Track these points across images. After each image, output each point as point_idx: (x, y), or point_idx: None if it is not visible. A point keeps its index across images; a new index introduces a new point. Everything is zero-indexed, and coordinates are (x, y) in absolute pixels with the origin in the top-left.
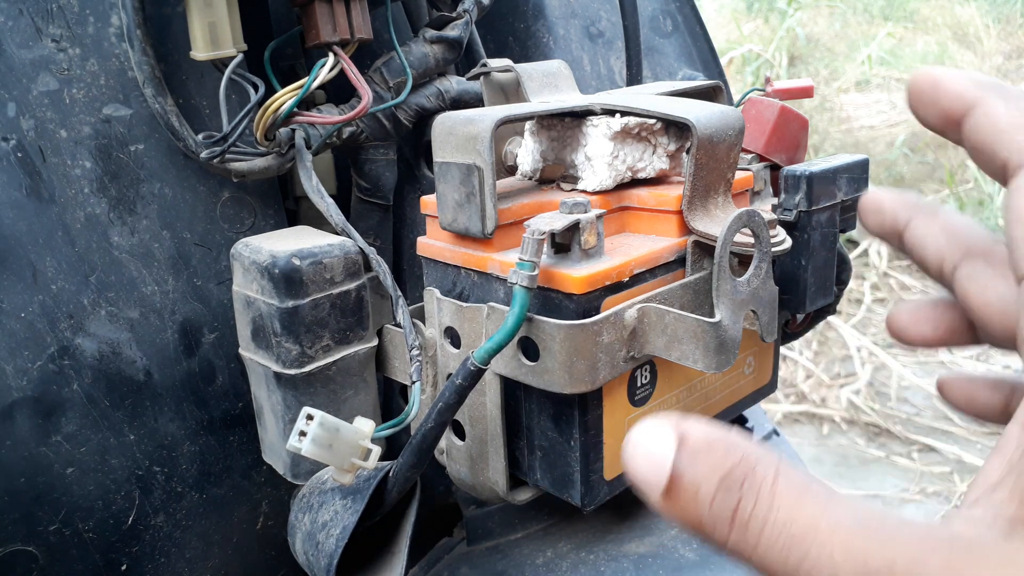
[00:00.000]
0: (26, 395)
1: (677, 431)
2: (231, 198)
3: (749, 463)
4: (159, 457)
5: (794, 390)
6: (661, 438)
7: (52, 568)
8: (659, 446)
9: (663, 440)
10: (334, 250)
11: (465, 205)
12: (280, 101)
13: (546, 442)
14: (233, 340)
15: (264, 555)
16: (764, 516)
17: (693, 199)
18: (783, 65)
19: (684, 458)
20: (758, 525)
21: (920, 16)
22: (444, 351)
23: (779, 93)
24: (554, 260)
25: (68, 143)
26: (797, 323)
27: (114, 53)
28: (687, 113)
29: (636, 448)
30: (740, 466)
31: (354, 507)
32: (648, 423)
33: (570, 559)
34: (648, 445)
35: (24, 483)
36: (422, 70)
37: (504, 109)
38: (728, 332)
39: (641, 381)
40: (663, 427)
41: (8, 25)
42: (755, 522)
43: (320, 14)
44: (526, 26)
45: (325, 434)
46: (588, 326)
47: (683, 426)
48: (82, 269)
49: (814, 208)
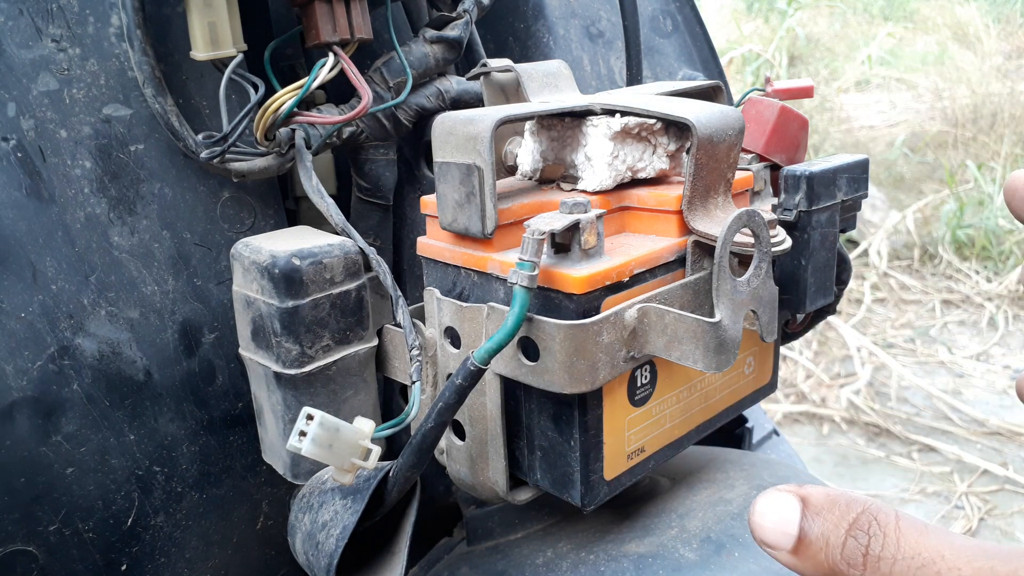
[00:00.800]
0: (26, 395)
1: (799, 495)
2: (231, 198)
3: (871, 512)
4: (159, 457)
5: (794, 390)
6: (785, 503)
7: (52, 568)
8: (784, 511)
9: (787, 505)
10: (334, 250)
11: (465, 205)
12: (280, 101)
13: (546, 442)
14: (233, 340)
15: (264, 555)
16: (893, 553)
17: (693, 199)
18: (783, 65)
19: (810, 517)
20: (889, 561)
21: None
22: (444, 351)
23: (779, 93)
24: (554, 260)
25: (68, 143)
26: (797, 323)
27: (114, 53)
28: (687, 113)
29: (763, 517)
30: (863, 515)
31: (354, 507)
32: (771, 493)
33: (570, 559)
34: (774, 511)
35: (24, 483)
36: (422, 70)
37: (504, 109)
38: (728, 332)
39: (641, 381)
40: (785, 495)
41: (8, 25)
42: (886, 559)
43: (320, 14)
44: (526, 26)
45: (325, 434)
46: (588, 326)
47: (804, 491)
48: (82, 269)
49: (814, 208)
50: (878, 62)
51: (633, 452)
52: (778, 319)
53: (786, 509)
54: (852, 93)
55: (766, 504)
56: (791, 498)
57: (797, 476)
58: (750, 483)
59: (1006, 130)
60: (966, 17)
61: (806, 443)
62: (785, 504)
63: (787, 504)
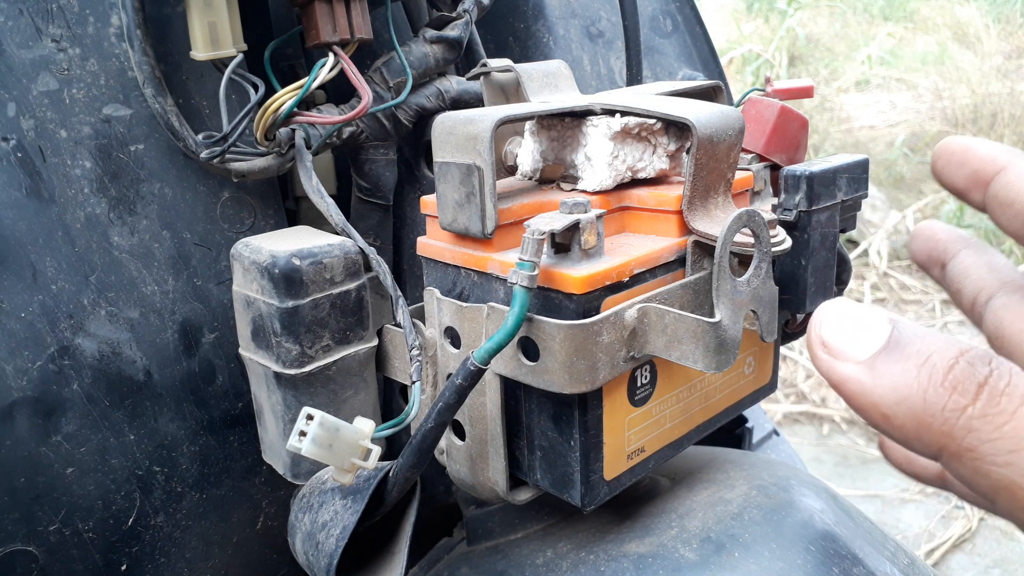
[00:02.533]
0: (26, 395)
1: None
2: (231, 198)
3: (987, 353)
4: (159, 457)
5: (794, 390)
6: (874, 312)
7: (52, 568)
8: (874, 317)
9: (877, 314)
10: (334, 250)
11: (465, 205)
12: (280, 101)
13: (546, 442)
14: (233, 340)
15: (264, 555)
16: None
17: (693, 199)
18: (783, 65)
19: (908, 330)
20: (1017, 399)
21: (920, 16)
22: (444, 351)
23: (779, 93)
24: (554, 260)
25: (68, 143)
26: (797, 323)
27: (114, 53)
28: (687, 113)
29: (842, 312)
30: (978, 351)
31: (354, 507)
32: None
33: (570, 559)
34: (860, 313)
35: (24, 483)
36: (422, 70)
37: (504, 109)
38: (728, 332)
39: (641, 381)
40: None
41: (8, 25)
42: (1013, 395)
43: (320, 14)
44: (526, 26)
45: (325, 434)
46: (588, 326)
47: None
48: (82, 269)
49: (814, 208)
50: (878, 62)
51: (633, 452)
52: (778, 319)
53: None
54: (852, 93)
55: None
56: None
57: (797, 476)
58: (750, 483)
59: (1006, 130)
60: (966, 17)
61: (806, 443)
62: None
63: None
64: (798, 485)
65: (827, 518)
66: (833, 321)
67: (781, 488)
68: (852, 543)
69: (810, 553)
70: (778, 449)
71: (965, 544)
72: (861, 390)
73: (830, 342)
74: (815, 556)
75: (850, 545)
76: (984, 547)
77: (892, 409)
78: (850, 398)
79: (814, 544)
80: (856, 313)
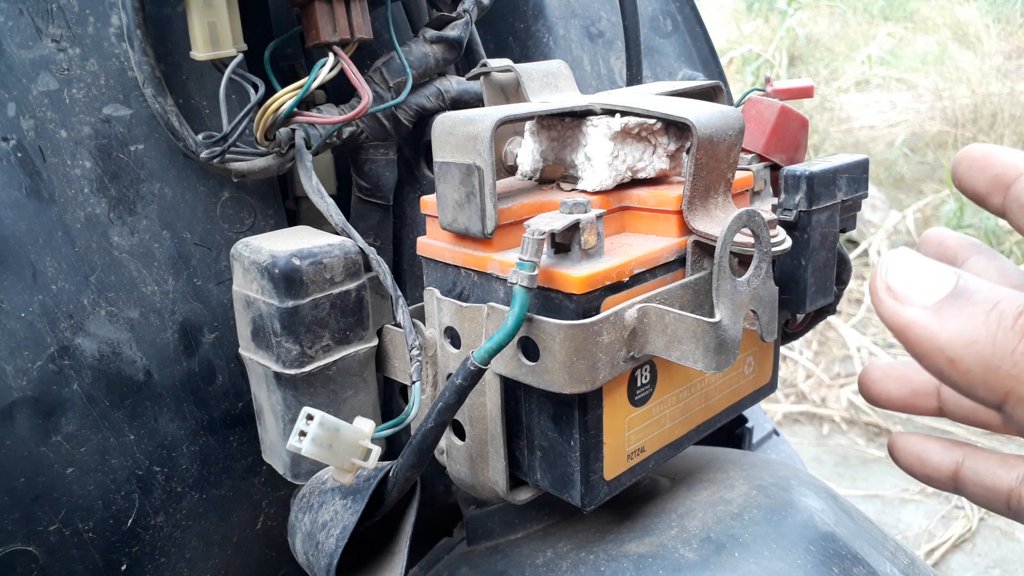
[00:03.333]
0: (26, 395)
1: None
2: (231, 198)
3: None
4: (159, 457)
5: (794, 390)
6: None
7: (52, 568)
8: (939, 267)
9: (942, 265)
10: (334, 250)
11: (465, 205)
12: (280, 101)
13: (546, 442)
14: (233, 340)
15: (264, 555)
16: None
17: (693, 199)
18: (783, 65)
19: (973, 280)
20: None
21: (920, 16)
22: (444, 351)
23: (779, 93)
24: (554, 260)
25: (68, 143)
26: (797, 323)
27: (114, 53)
28: (687, 113)
29: (909, 259)
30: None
31: (354, 507)
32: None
33: (570, 559)
34: (926, 262)
35: (24, 483)
36: (422, 70)
37: (504, 109)
38: (728, 332)
39: (641, 381)
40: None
41: (8, 25)
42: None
43: (320, 14)
44: (526, 26)
45: (325, 434)
46: (588, 326)
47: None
48: (82, 269)
49: (814, 208)
50: (878, 62)
51: (633, 452)
52: (778, 319)
53: (938, 264)
54: (852, 93)
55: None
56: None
57: (797, 476)
58: (750, 483)
59: (1006, 130)
60: (966, 17)
61: (806, 443)
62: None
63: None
64: (798, 485)
65: (827, 518)
66: (900, 267)
67: (781, 488)
68: (852, 543)
69: (810, 553)
70: (778, 449)
71: (965, 544)
72: (927, 334)
73: (895, 287)
74: (815, 556)
75: (850, 545)
76: (984, 547)
77: (959, 353)
78: (914, 343)
79: (814, 544)
80: (923, 261)
